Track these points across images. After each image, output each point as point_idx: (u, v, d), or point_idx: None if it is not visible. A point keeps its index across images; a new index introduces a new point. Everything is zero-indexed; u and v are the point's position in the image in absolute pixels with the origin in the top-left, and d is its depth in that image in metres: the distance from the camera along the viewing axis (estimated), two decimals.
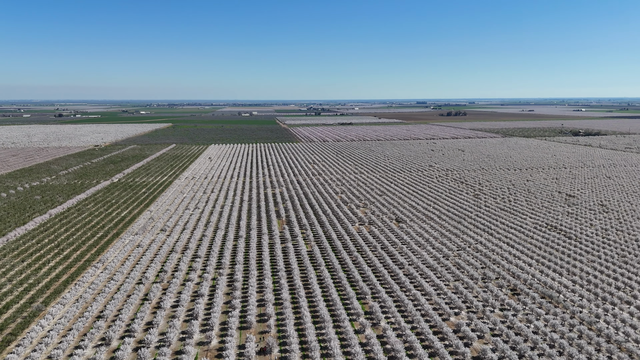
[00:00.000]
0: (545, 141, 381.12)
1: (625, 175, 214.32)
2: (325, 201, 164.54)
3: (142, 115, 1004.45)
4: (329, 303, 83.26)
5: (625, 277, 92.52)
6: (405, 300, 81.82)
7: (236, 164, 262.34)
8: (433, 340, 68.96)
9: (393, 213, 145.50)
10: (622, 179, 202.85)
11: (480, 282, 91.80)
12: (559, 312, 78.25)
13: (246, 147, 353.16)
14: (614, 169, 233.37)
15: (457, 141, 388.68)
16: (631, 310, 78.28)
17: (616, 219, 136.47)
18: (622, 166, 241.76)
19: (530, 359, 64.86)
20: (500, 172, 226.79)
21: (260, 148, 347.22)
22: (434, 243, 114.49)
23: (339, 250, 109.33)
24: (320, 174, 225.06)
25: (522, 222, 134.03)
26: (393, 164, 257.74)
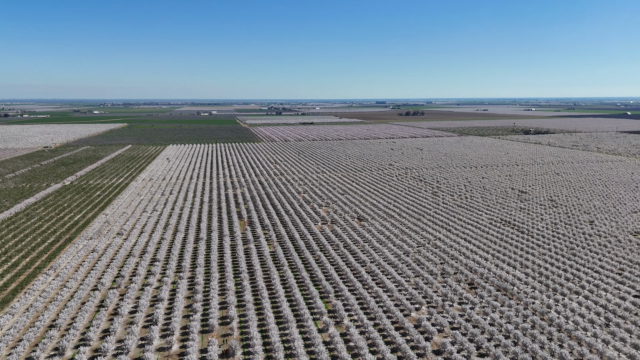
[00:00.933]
0: (499, 139, 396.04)
1: (573, 171, 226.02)
2: (287, 201, 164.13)
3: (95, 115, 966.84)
4: (293, 303, 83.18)
5: (573, 269, 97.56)
6: (368, 298, 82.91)
7: (195, 164, 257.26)
8: (395, 336, 70.25)
9: (355, 212, 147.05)
10: (569, 175, 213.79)
11: (440, 278, 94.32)
12: (514, 304, 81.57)
13: (206, 147, 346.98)
14: (562, 165, 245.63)
15: (416, 140, 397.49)
16: (579, 300, 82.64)
17: (565, 214, 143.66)
18: (570, 163, 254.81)
19: (487, 350, 67.27)
20: (457, 170, 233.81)
21: (221, 148, 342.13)
22: (395, 240, 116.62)
23: (302, 250, 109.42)
24: (282, 174, 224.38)
25: (478, 218, 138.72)
26: (354, 163, 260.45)
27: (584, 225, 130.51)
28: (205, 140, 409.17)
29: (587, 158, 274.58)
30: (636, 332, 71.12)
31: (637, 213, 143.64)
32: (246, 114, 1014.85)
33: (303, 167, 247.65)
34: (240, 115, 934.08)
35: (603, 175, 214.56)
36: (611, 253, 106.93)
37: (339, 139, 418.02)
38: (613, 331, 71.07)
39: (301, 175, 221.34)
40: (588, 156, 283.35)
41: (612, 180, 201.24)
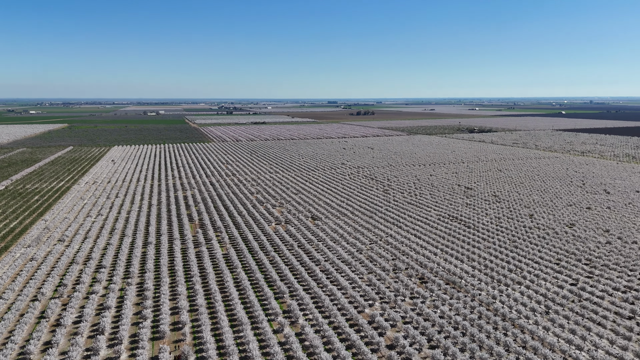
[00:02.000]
0: (445, 138, 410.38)
1: (514, 168, 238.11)
2: (240, 202, 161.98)
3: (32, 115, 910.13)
4: (247, 305, 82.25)
5: (516, 260, 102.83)
6: (323, 296, 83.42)
7: (143, 166, 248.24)
8: (350, 333, 71.14)
9: (309, 211, 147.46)
10: (511, 172, 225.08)
11: (392, 273, 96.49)
12: (462, 296, 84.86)
13: (153, 148, 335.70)
14: (504, 162, 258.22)
15: (367, 139, 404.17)
16: (522, 290, 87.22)
17: (507, 208, 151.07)
18: (511, 160, 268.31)
19: (437, 342, 69.58)
20: (407, 168, 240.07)
21: (169, 149, 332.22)
22: (348, 238, 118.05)
23: (256, 251, 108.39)
24: (235, 175, 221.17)
25: (427, 214, 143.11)
26: (307, 162, 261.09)
27: (525, 218, 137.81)
28: (153, 141, 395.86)
29: (527, 155, 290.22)
30: (573, 318, 76.02)
31: (572, 206, 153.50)
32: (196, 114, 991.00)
33: (256, 167, 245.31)
34: (190, 115, 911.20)
35: (541, 171, 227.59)
36: (549, 244, 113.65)
37: (292, 138, 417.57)
38: (552, 318, 75.60)
39: (254, 175, 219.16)
40: (527, 153, 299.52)
41: (549, 175, 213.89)
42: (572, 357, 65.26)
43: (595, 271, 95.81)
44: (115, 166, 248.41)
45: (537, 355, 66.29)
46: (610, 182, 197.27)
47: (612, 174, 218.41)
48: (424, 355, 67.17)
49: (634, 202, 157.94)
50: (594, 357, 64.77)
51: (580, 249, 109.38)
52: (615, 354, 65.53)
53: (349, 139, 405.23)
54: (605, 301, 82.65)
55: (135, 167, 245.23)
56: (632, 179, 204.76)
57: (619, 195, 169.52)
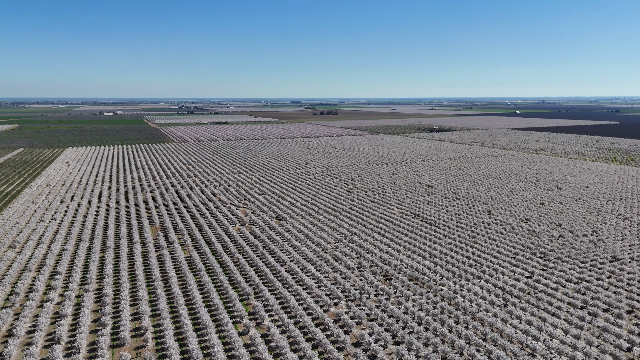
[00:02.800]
0: (407, 137, 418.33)
1: (472, 166, 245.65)
2: (203, 203, 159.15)
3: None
4: (211, 308, 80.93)
5: (475, 255, 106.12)
6: (288, 297, 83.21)
7: (99, 168, 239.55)
8: (315, 332, 71.31)
9: (273, 211, 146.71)
10: (469, 170, 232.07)
11: (357, 271, 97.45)
12: (424, 291, 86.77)
13: (111, 150, 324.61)
14: (463, 160, 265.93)
15: (331, 139, 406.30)
16: (481, 284, 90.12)
17: (466, 205, 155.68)
18: (470, 158, 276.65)
19: (402, 337, 70.86)
20: (370, 167, 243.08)
21: (128, 150, 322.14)
22: (313, 238, 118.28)
23: (220, 253, 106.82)
24: (197, 175, 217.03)
25: (390, 212, 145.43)
26: (271, 162, 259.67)
27: (483, 214, 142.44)
28: (110, 141, 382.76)
29: (484, 153, 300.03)
30: (529, 309, 79.23)
31: (526, 202, 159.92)
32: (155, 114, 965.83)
33: (218, 167, 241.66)
34: (149, 115, 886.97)
35: (498, 168, 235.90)
36: (507, 239, 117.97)
37: (255, 138, 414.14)
38: (510, 310, 78.53)
39: (216, 176, 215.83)
40: (485, 151, 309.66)
41: (505, 172, 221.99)
42: (529, 347, 68.00)
43: (549, 264, 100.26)
44: (70, 168, 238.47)
45: (497, 346, 68.68)
46: (561, 178, 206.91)
47: (564, 170, 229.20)
48: (389, 351, 68.23)
49: (584, 197, 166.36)
50: (549, 346, 67.75)
51: (535, 243, 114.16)
52: (569, 343, 68.80)
53: (313, 139, 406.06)
54: (559, 292, 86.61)
55: (91, 169, 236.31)
56: (582, 175, 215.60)
57: (569, 191, 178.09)
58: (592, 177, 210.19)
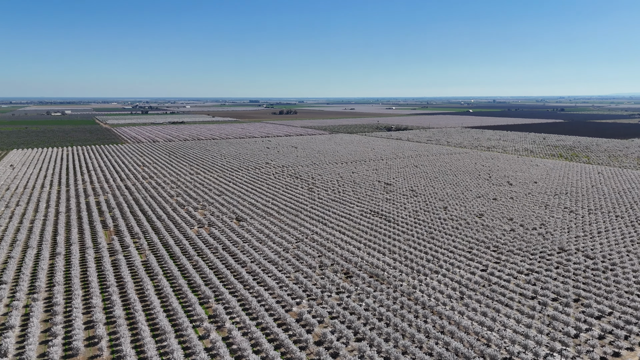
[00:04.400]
0: (365, 136, 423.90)
1: (429, 163, 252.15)
2: (159, 206, 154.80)
3: None
4: (170, 313, 78.91)
5: (432, 251, 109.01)
6: (249, 298, 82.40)
7: (47, 171, 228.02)
8: (278, 333, 71.02)
9: (233, 212, 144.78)
10: (426, 167, 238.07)
11: (318, 270, 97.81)
12: (385, 288, 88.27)
13: (59, 152, 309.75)
14: (420, 158, 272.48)
15: (290, 138, 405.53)
16: (439, 279, 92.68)
17: (423, 202, 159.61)
18: (426, 156, 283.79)
19: (363, 334, 71.78)
20: (330, 166, 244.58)
21: (78, 152, 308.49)
22: (274, 238, 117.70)
23: (178, 257, 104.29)
24: (152, 177, 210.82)
25: (350, 210, 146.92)
26: (230, 162, 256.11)
27: (439, 211, 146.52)
28: (59, 143, 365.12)
29: (440, 151, 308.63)
30: (484, 301, 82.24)
31: (480, 198, 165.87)
32: (107, 114, 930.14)
33: (175, 168, 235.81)
34: (100, 115, 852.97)
35: (453, 166, 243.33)
36: (462, 234, 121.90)
37: (213, 138, 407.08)
38: (467, 303, 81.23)
39: (173, 177, 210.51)
40: (440, 149, 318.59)
41: (460, 170, 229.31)
42: (484, 337, 70.59)
43: (502, 257, 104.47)
44: (15, 171, 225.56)
45: (454, 338, 70.87)
46: (512, 174, 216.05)
47: (514, 167, 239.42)
48: (351, 348, 68.93)
49: (533, 192, 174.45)
50: (503, 336, 70.60)
51: (488, 237, 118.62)
52: (522, 332, 71.95)
53: (273, 138, 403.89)
54: (512, 284, 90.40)
55: (38, 172, 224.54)
56: (531, 171, 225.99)
57: (520, 187, 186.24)
58: (540, 173, 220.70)
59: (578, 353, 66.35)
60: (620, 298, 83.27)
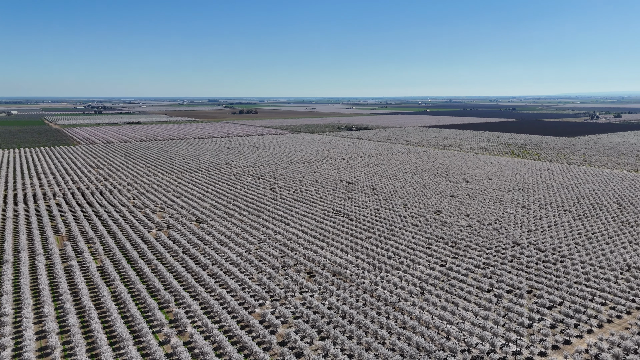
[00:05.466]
0: (327, 136, 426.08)
1: (388, 162, 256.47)
2: (115, 209, 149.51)
3: None
4: (128, 319, 76.41)
5: (393, 248, 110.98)
6: (211, 301, 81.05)
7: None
8: (241, 335, 70.25)
9: (193, 214, 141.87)
10: (386, 166, 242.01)
11: (281, 270, 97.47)
12: (348, 286, 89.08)
13: (5, 154, 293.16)
14: (380, 157, 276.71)
15: (251, 138, 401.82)
16: (400, 275, 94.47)
17: (384, 200, 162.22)
18: (386, 155, 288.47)
19: (327, 333, 72.17)
20: (292, 165, 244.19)
21: (26, 154, 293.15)
22: (236, 239, 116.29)
23: (136, 261, 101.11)
24: (107, 179, 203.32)
25: (313, 209, 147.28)
26: (189, 163, 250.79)
27: (400, 208, 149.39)
28: (4, 145, 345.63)
29: (399, 150, 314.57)
30: (443, 296, 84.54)
31: (438, 195, 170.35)
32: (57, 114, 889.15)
33: (131, 170, 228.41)
34: (50, 115, 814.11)
35: (412, 164, 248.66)
36: (422, 230, 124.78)
37: (171, 138, 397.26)
38: (427, 298, 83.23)
39: (130, 179, 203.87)
40: (400, 148, 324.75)
41: (419, 168, 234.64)
42: (444, 331, 72.58)
43: (460, 252, 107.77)
44: None
45: (416, 333, 72.47)
46: (468, 172, 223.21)
47: (470, 164, 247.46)
48: (314, 347, 69.13)
49: (488, 189, 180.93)
50: (461, 328, 72.84)
51: (447, 233, 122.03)
52: (479, 324, 74.49)
53: (233, 138, 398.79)
54: (469, 278, 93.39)
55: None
56: (486, 168, 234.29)
57: (475, 184, 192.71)
58: (494, 170, 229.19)
59: (532, 342, 69.40)
60: (570, 288, 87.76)
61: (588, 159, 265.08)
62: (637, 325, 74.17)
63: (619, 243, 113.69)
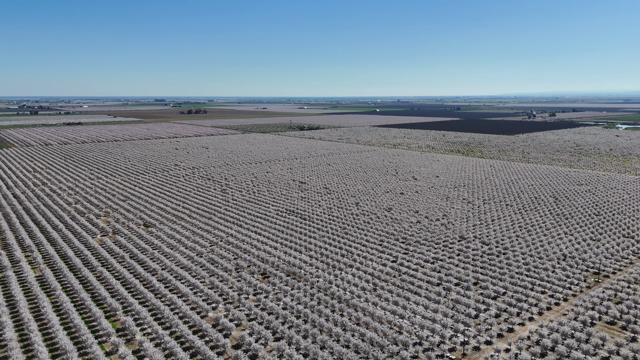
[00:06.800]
0: (279, 136, 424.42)
1: (340, 161, 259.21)
2: (55, 215, 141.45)
3: None
4: (71, 330, 72.59)
5: (347, 246, 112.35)
6: (162, 307, 78.56)
7: None
8: (193, 340, 68.61)
9: (140, 218, 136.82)
10: (338, 165, 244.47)
11: (234, 273, 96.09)
12: (302, 285, 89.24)
13: None
14: (332, 157, 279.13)
15: (201, 139, 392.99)
16: (353, 272, 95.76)
17: (337, 199, 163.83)
18: (338, 154, 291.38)
19: (282, 333, 71.94)
20: (243, 166, 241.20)
21: None
22: (187, 243, 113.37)
23: (79, 269, 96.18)
24: (46, 184, 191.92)
25: (266, 210, 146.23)
26: (135, 165, 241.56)
27: (352, 207, 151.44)
28: None
29: (350, 149, 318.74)
30: (395, 291, 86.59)
31: (388, 192, 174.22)
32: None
33: (73, 173, 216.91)
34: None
35: (363, 163, 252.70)
36: (373, 228, 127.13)
37: (115, 140, 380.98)
38: (379, 294, 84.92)
39: (71, 183, 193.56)
40: (351, 147, 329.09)
41: (369, 166, 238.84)
42: (396, 325, 74.36)
43: (410, 247, 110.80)
44: None
45: (369, 329, 73.77)
46: (416, 169, 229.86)
47: (418, 162, 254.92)
48: (269, 349, 68.72)
49: (435, 186, 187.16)
50: (413, 322, 74.93)
51: (397, 230, 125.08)
52: (429, 317, 76.94)
53: (182, 139, 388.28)
54: (419, 273, 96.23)
55: None
56: (433, 166, 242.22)
57: (423, 181, 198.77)
58: (441, 167, 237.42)
59: (478, 332, 72.55)
60: (512, 279, 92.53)
61: (527, 156, 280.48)
62: (574, 311, 79.39)
63: (556, 234, 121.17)
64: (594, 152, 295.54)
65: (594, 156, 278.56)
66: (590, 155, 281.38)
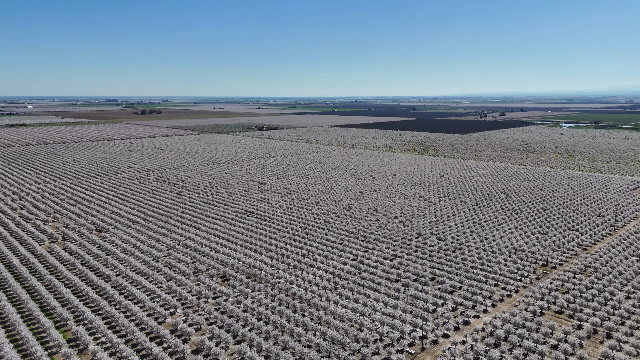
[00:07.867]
0: (237, 136, 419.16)
1: (300, 161, 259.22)
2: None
3: None
4: (18, 343, 68.70)
5: (307, 245, 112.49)
6: (116, 315, 75.75)
7: None
8: (151, 347, 66.62)
9: (92, 223, 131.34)
10: (298, 165, 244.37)
11: (193, 277, 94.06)
12: (262, 287, 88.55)
13: None
14: (292, 157, 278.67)
15: (155, 140, 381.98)
16: (314, 272, 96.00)
17: (297, 199, 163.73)
18: (297, 154, 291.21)
19: (243, 336, 71.12)
20: (201, 167, 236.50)
21: None
22: (142, 247, 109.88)
23: (25, 278, 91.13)
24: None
25: (225, 212, 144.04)
26: (86, 168, 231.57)
27: (312, 206, 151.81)
28: None
29: (310, 149, 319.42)
30: (355, 289, 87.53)
31: (348, 192, 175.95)
32: None
33: (17, 177, 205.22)
34: None
35: (322, 162, 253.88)
36: (333, 227, 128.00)
37: (64, 141, 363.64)
38: (340, 292, 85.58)
39: (15, 188, 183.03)
40: (310, 148, 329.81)
41: (329, 166, 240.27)
42: (357, 323, 75.22)
43: (370, 245, 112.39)
44: None
45: (331, 327, 74.21)
46: (375, 168, 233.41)
47: (376, 161, 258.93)
48: (230, 352, 67.77)
49: (393, 184, 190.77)
50: (373, 319, 76.04)
51: (357, 228, 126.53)
52: (389, 313, 78.32)
53: (135, 140, 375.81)
54: (379, 270, 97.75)
55: None
56: (390, 165, 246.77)
57: (381, 180, 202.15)
58: (398, 166, 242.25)
59: (436, 326, 74.59)
60: (467, 273, 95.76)
61: (479, 154, 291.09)
62: (524, 302, 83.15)
63: (507, 229, 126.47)
64: (541, 150, 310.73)
65: (540, 154, 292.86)
66: (537, 153, 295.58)
